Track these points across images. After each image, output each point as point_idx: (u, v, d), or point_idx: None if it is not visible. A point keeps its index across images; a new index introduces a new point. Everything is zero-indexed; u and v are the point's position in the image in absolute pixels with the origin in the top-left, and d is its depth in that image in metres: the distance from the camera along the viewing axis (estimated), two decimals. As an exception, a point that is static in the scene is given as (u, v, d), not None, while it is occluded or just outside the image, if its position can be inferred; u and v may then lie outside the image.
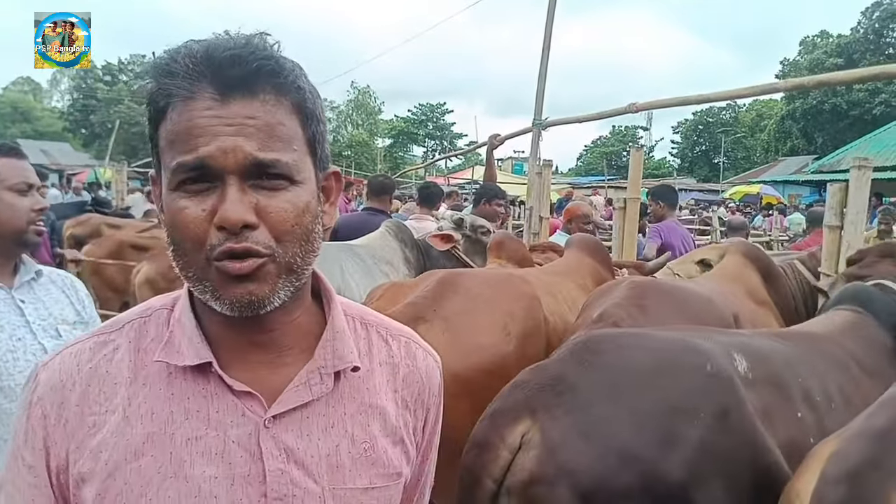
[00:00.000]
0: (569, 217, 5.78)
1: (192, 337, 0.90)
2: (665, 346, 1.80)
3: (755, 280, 3.26)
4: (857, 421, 1.53)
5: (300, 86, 0.88)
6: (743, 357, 1.83)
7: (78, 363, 0.92)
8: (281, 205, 0.85)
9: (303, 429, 0.92)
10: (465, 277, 2.69)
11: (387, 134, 65.46)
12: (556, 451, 1.58)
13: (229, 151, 0.82)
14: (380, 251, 3.61)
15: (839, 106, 38.90)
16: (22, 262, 2.01)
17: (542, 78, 6.24)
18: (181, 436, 0.88)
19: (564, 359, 1.81)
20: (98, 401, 0.90)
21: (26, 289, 1.98)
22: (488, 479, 1.64)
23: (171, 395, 0.90)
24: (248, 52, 0.84)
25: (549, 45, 6.14)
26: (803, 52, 45.88)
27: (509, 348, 2.43)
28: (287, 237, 0.86)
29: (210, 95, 0.82)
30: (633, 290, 2.58)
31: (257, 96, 0.84)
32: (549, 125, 6.19)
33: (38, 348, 1.89)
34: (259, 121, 0.83)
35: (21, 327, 1.90)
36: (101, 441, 0.88)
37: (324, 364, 0.94)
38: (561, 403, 1.65)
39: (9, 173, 1.92)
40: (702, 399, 1.64)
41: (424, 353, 1.08)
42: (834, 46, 42.76)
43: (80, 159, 38.15)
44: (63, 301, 2.05)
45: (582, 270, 3.44)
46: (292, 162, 0.86)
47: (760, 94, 4.38)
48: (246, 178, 0.83)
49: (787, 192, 27.95)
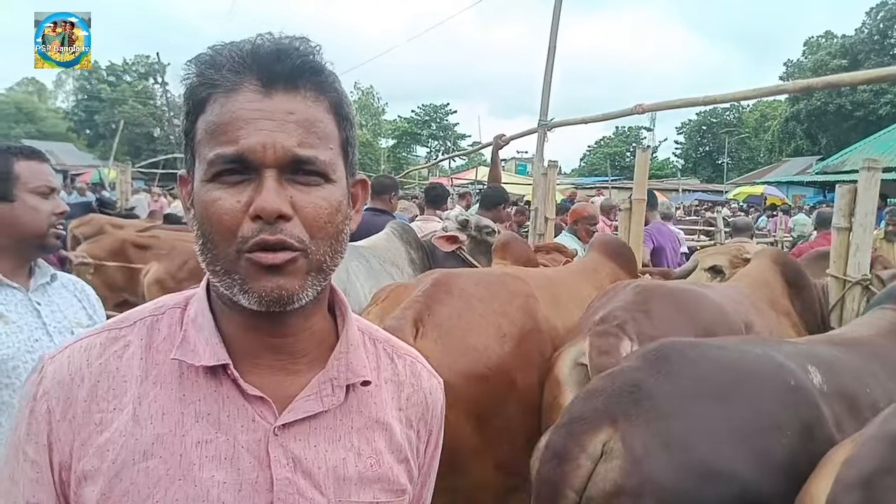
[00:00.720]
0: (575, 218, 5.76)
1: (209, 337, 0.89)
2: (744, 358, 1.78)
3: (780, 288, 3.22)
4: (872, 425, 1.52)
5: (338, 88, 0.90)
6: (817, 370, 1.81)
7: (88, 358, 0.91)
8: (316, 200, 0.86)
9: (311, 439, 0.91)
10: (460, 278, 2.66)
11: (390, 134, 65.51)
12: (641, 462, 1.55)
13: (269, 146, 0.82)
14: (385, 252, 3.59)
15: (844, 107, 38.80)
16: (37, 265, 2.02)
17: (548, 79, 6.23)
18: (191, 438, 0.87)
19: (638, 366, 1.77)
20: (107, 398, 0.88)
21: (41, 291, 2.00)
22: (570, 490, 1.60)
23: (182, 396, 0.88)
24: (293, 49, 0.86)
25: (554, 45, 6.12)
26: (807, 53, 45.83)
27: (504, 349, 2.40)
28: (320, 233, 0.86)
29: (254, 88, 0.84)
30: (639, 294, 2.55)
31: (299, 92, 0.85)
32: (554, 126, 6.18)
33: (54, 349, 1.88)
34: (299, 116, 0.85)
35: (38, 328, 1.91)
36: (109, 439, 0.86)
37: (336, 376, 0.93)
38: (640, 412, 1.62)
39: (32, 176, 1.92)
40: (787, 414, 1.63)
41: (429, 374, 1.08)
42: (838, 47, 42.67)
43: (84, 160, 38.24)
44: (76, 305, 2.07)
45: (600, 272, 3.42)
46: (328, 160, 0.87)
47: (767, 95, 4.35)
48: (283, 172, 0.84)
49: (791, 192, 27.93)
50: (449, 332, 2.33)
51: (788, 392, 1.68)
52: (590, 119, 5.75)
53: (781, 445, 1.58)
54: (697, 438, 1.57)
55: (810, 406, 1.68)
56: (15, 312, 1.88)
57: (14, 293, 1.92)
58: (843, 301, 3.47)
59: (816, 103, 39.17)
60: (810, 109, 40.27)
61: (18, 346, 1.84)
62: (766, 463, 1.55)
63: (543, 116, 6.22)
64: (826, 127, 40.74)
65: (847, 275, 3.45)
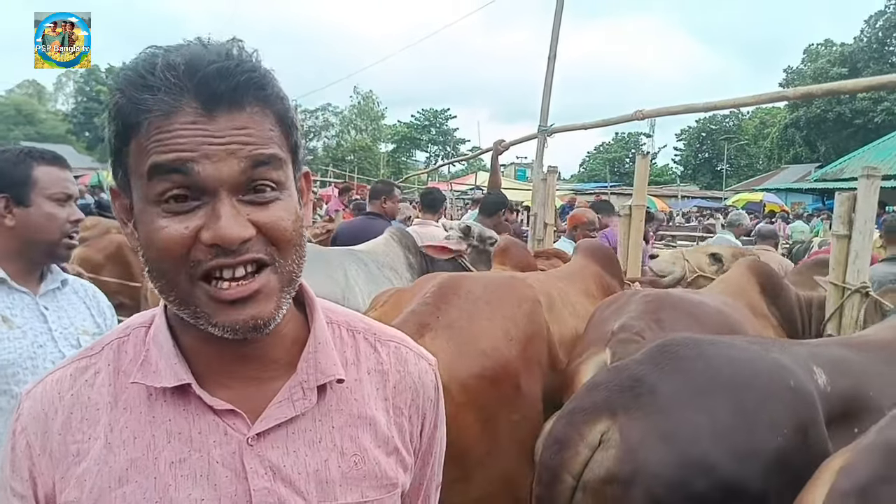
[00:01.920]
0: (573, 224, 5.76)
1: (168, 356, 0.87)
2: (746, 357, 1.81)
3: (756, 296, 3.24)
4: (869, 434, 1.51)
5: (282, 96, 0.86)
6: (822, 370, 1.83)
7: (59, 391, 0.90)
8: (278, 214, 0.83)
9: (289, 445, 0.89)
10: (466, 281, 2.65)
11: (390, 139, 65.56)
12: (635, 451, 1.62)
13: (220, 169, 0.79)
14: (384, 257, 3.59)
15: (843, 114, 38.90)
16: (49, 269, 1.99)
17: (548, 85, 6.24)
18: (164, 459, 0.85)
19: (642, 361, 1.83)
20: (81, 428, 0.88)
21: (51, 297, 1.97)
22: (568, 475, 1.68)
23: (152, 418, 0.87)
24: (234, 65, 0.80)
25: (555, 52, 6.13)
26: (807, 61, 45.95)
27: (511, 353, 2.39)
28: (287, 246, 0.84)
29: (194, 110, 0.79)
30: (650, 303, 2.59)
31: (244, 109, 0.81)
32: (554, 132, 6.18)
33: (57, 356, 1.87)
34: (250, 132, 0.81)
35: (43, 334, 1.89)
36: (85, 469, 0.86)
37: (306, 378, 0.90)
38: (640, 405, 1.68)
39: (50, 182, 1.90)
40: (783, 414, 1.66)
41: (416, 356, 1.04)
42: (837, 55, 42.81)
43: (83, 162, 38.17)
44: (84, 312, 2.04)
45: (586, 277, 3.41)
46: (281, 172, 0.84)
47: (768, 102, 4.36)
48: (236, 193, 0.81)
49: (790, 199, 27.97)
50: (460, 333, 2.31)
51: (786, 391, 1.70)
52: (590, 125, 5.74)
53: (776, 443, 1.60)
54: (691, 433, 1.62)
55: (808, 406, 1.70)
56: (21, 317, 1.86)
57: (22, 297, 1.89)
58: (842, 308, 3.47)
59: (816, 111, 39.28)
60: (810, 117, 40.37)
61: (21, 351, 1.81)
62: (758, 460, 1.58)
63: (543, 122, 6.22)
64: (825, 134, 40.83)
65: (846, 282, 3.44)
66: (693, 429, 1.62)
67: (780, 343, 2.03)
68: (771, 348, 1.90)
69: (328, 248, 4.40)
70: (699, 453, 1.58)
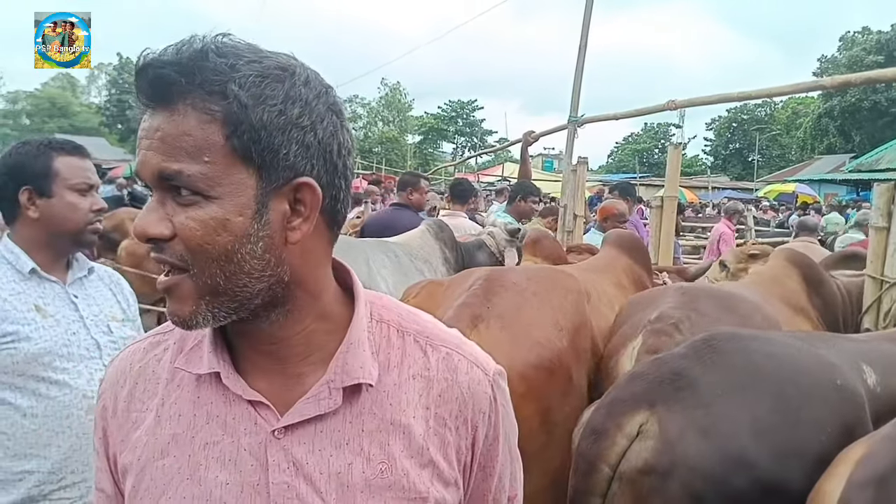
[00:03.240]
0: (604, 216, 5.71)
1: (208, 344, 0.91)
2: (791, 353, 1.79)
3: (795, 286, 3.19)
4: (888, 425, 1.51)
5: (226, 93, 0.79)
6: (872, 369, 1.80)
7: (131, 362, 0.98)
8: (186, 221, 0.80)
9: (315, 443, 0.88)
10: (511, 274, 2.64)
11: (417, 130, 65.57)
12: (673, 444, 1.61)
13: (143, 164, 0.82)
14: (418, 249, 3.59)
15: (879, 103, 37.95)
16: (75, 258, 2.05)
17: (579, 75, 6.19)
18: (200, 440, 0.90)
19: (686, 354, 1.81)
20: (142, 399, 0.95)
21: (78, 285, 2.03)
22: (604, 465, 1.68)
23: (197, 398, 0.92)
24: (164, 61, 0.80)
25: (586, 41, 6.08)
26: (842, 49, 44.93)
27: (563, 343, 2.37)
28: (199, 255, 0.81)
29: (143, 106, 0.83)
30: (686, 295, 2.58)
31: (169, 106, 0.80)
32: (585, 122, 6.13)
33: (91, 343, 1.94)
34: (162, 132, 0.80)
35: (75, 322, 1.94)
36: (138, 437, 0.93)
37: (333, 378, 0.89)
38: (680, 398, 1.67)
39: (71, 172, 1.94)
40: (828, 413, 1.63)
41: (469, 364, 0.97)
42: (874, 43, 41.74)
43: (115, 154, 38.72)
44: (111, 299, 2.10)
45: (617, 268, 3.40)
46: (199, 174, 0.79)
47: (804, 91, 4.30)
48: (163, 192, 0.82)
49: (823, 191, 27.46)
50: (512, 324, 2.30)
51: (833, 391, 1.68)
52: (621, 115, 5.69)
53: (819, 443, 1.57)
54: (732, 428, 1.60)
55: (855, 406, 1.67)
56: (53, 306, 1.91)
57: (52, 287, 1.94)
58: (879, 302, 3.41)
59: (851, 100, 38.38)
60: (844, 106, 39.47)
61: (56, 339, 1.87)
62: (800, 459, 1.56)
63: (574, 113, 6.18)
64: (860, 124, 39.92)
65: (885, 275, 3.38)
66: (734, 424, 1.60)
67: (827, 338, 1.98)
68: (817, 344, 1.86)
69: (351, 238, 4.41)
70: (739, 449, 1.57)
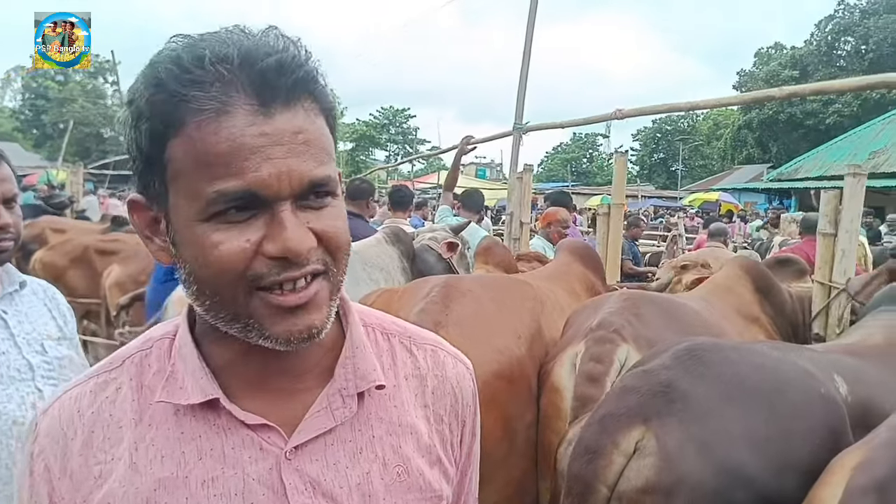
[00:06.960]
0: (547, 221, 5.76)
1: (194, 371, 0.81)
2: (775, 365, 1.79)
3: (748, 295, 3.22)
4: (881, 431, 1.51)
5: (328, 93, 0.79)
6: (842, 379, 1.82)
7: (79, 408, 0.84)
8: (334, 222, 0.78)
9: (328, 457, 0.83)
10: (467, 281, 2.62)
11: (348, 138, 65.15)
12: (675, 460, 1.56)
13: (283, 176, 0.72)
14: (374, 258, 3.48)
15: (795, 116, 39.79)
16: (5, 271, 1.83)
17: (523, 82, 6.19)
18: (196, 478, 0.80)
19: (670, 365, 1.76)
20: (103, 448, 0.82)
21: (8, 300, 1.81)
22: (602, 485, 1.61)
23: (180, 434, 0.81)
24: (291, 58, 0.74)
25: (530, 49, 6.09)
26: (759, 64, 46.92)
27: (522, 351, 2.36)
28: (339, 253, 0.80)
29: (251, 108, 0.71)
30: (627, 301, 2.56)
31: (300, 106, 0.74)
32: (530, 129, 6.13)
33: (22, 364, 1.73)
34: (308, 135, 0.74)
35: (5, 340, 1.74)
36: (108, 492, 0.79)
37: (345, 385, 0.85)
38: (674, 412, 1.63)
39: None
40: (817, 423, 1.64)
41: (454, 360, 0.99)
42: (788, 58, 43.81)
43: (31, 160, 37.10)
44: (45, 315, 1.89)
45: (571, 276, 3.39)
46: (335, 175, 0.79)
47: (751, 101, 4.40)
48: (297, 201, 0.75)
49: (743, 199, 28.58)
50: (472, 331, 2.25)
51: (819, 400, 1.69)
52: (568, 123, 5.72)
53: (811, 453, 1.58)
54: (730, 442, 1.58)
55: (839, 415, 1.68)
56: None
57: None
58: (828, 308, 3.48)
59: (768, 112, 40.09)
60: (762, 118, 41.20)
61: None
62: (795, 470, 1.56)
63: (518, 120, 6.17)
64: (777, 136, 41.74)
65: (833, 281, 3.45)
66: (731, 438, 1.58)
67: (795, 348, 2.02)
68: (791, 354, 1.88)
69: None
70: (738, 464, 1.55)
